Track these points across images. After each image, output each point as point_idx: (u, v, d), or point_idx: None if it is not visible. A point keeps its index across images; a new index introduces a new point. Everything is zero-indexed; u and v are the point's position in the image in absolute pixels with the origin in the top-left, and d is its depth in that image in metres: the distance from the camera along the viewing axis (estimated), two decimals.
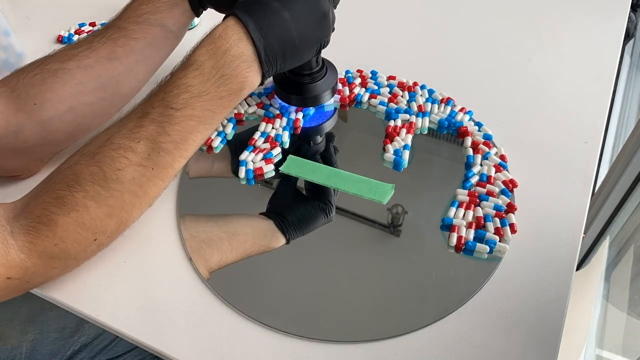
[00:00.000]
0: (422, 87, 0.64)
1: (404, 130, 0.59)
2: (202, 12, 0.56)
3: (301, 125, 0.61)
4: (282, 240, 0.51)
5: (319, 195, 0.54)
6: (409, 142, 0.59)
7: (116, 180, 0.43)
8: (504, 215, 0.51)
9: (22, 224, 0.42)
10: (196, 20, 0.73)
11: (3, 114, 0.51)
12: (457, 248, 0.50)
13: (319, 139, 0.61)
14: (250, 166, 0.56)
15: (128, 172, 0.43)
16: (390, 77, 0.66)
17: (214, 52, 0.45)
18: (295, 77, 0.58)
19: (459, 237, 0.50)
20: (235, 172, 0.56)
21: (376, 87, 0.64)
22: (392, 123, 0.60)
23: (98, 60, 0.52)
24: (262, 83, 0.48)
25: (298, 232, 0.51)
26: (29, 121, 0.51)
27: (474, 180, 0.55)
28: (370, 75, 0.66)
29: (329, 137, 0.61)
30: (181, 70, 0.45)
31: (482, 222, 0.51)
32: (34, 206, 0.42)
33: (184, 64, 0.46)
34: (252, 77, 0.46)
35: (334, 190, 0.55)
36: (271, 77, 0.57)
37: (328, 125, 0.62)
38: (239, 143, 0.59)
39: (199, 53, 0.45)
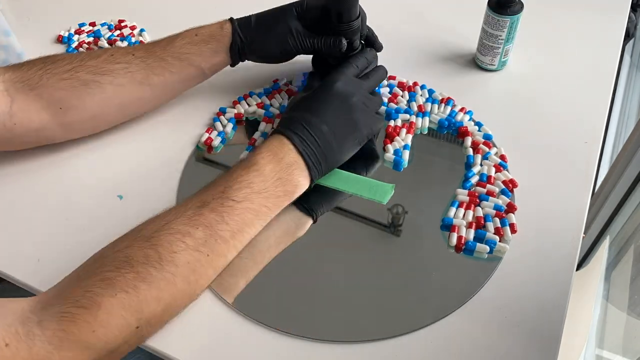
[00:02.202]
0: (422, 87, 0.64)
1: (404, 130, 0.59)
2: (237, 63, 0.60)
3: None
4: (309, 223, 0.52)
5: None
6: (409, 142, 0.59)
7: (171, 263, 0.42)
8: (504, 215, 0.51)
9: (56, 311, 0.38)
10: None
11: (24, 112, 0.52)
12: (457, 248, 0.50)
13: None
14: None
15: (184, 255, 0.42)
16: (390, 77, 0.66)
17: (272, 158, 0.48)
18: (334, 60, 0.58)
19: (459, 237, 0.50)
20: None
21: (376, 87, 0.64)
22: (392, 123, 0.60)
23: (131, 82, 0.55)
24: (310, 187, 0.51)
25: (324, 206, 0.53)
26: (52, 122, 0.54)
27: (474, 180, 0.55)
28: None
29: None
30: (242, 169, 0.47)
31: (482, 222, 0.51)
32: (74, 290, 0.40)
33: (246, 164, 0.48)
34: (303, 181, 0.49)
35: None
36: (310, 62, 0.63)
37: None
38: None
39: (260, 156, 0.48)
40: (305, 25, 0.57)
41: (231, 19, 0.58)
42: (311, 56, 0.62)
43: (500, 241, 0.50)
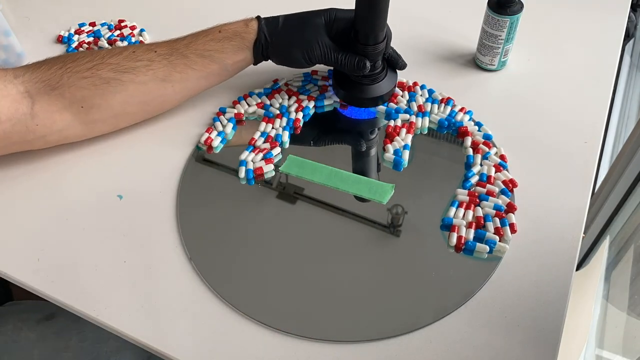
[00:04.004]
0: (422, 87, 0.64)
1: (404, 130, 0.59)
2: (260, 62, 0.60)
3: (301, 125, 0.61)
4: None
5: None
6: (409, 142, 0.59)
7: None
8: (503, 215, 0.51)
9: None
10: None
11: (46, 112, 0.52)
12: (457, 248, 0.50)
13: (370, 135, 0.61)
14: (250, 166, 0.57)
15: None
16: None
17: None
18: (356, 78, 0.59)
19: (459, 237, 0.50)
20: None
21: None
22: (392, 123, 0.60)
23: (153, 79, 0.55)
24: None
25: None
26: (74, 121, 0.55)
27: (474, 180, 0.55)
28: None
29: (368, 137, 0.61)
30: None
31: (482, 222, 0.51)
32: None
33: None
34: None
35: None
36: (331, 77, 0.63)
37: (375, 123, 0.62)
38: None
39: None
40: (331, 37, 0.57)
41: (258, 17, 0.58)
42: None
43: (500, 241, 0.50)
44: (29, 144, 0.54)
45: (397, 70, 0.61)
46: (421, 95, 0.63)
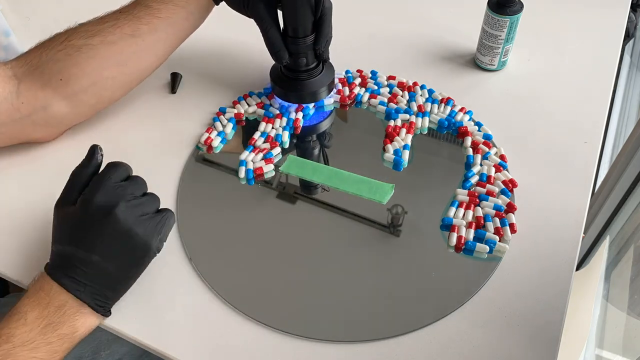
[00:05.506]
0: (422, 87, 0.64)
1: (404, 130, 0.59)
2: (220, 1, 0.58)
3: (301, 125, 0.61)
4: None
5: None
6: (409, 142, 0.59)
7: None
8: (503, 215, 0.51)
9: None
10: None
11: (30, 90, 0.53)
12: (457, 248, 0.50)
13: (313, 137, 0.61)
14: (250, 166, 0.56)
15: None
16: (390, 77, 0.66)
17: (37, 303, 0.42)
18: (292, 74, 0.59)
19: (459, 237, 0.50)
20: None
21: (376, 87, 0.64)
22: (392, 123, 0.60)
23: (122, 37, 0.55)
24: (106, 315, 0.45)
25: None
26: (56, 96, 0.55)
27: (474, 180, 0.55)
28: (370, 75, 0.66)
29: (322, 136, 0.62)
30: (5, 319, 0.42)
31: (482, 222, 0.51)
32: None
33: (10, 312, 0.42)
34: (84, 320, 0.43)
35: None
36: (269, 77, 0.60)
37: (325, 125, 0.62)
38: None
39: (22, 303, 0.42)
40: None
41: None
42: None
43: (500, 241, 0.50)
44: (18, 127, 0.55)
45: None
46: (421, 95, 0.63)
